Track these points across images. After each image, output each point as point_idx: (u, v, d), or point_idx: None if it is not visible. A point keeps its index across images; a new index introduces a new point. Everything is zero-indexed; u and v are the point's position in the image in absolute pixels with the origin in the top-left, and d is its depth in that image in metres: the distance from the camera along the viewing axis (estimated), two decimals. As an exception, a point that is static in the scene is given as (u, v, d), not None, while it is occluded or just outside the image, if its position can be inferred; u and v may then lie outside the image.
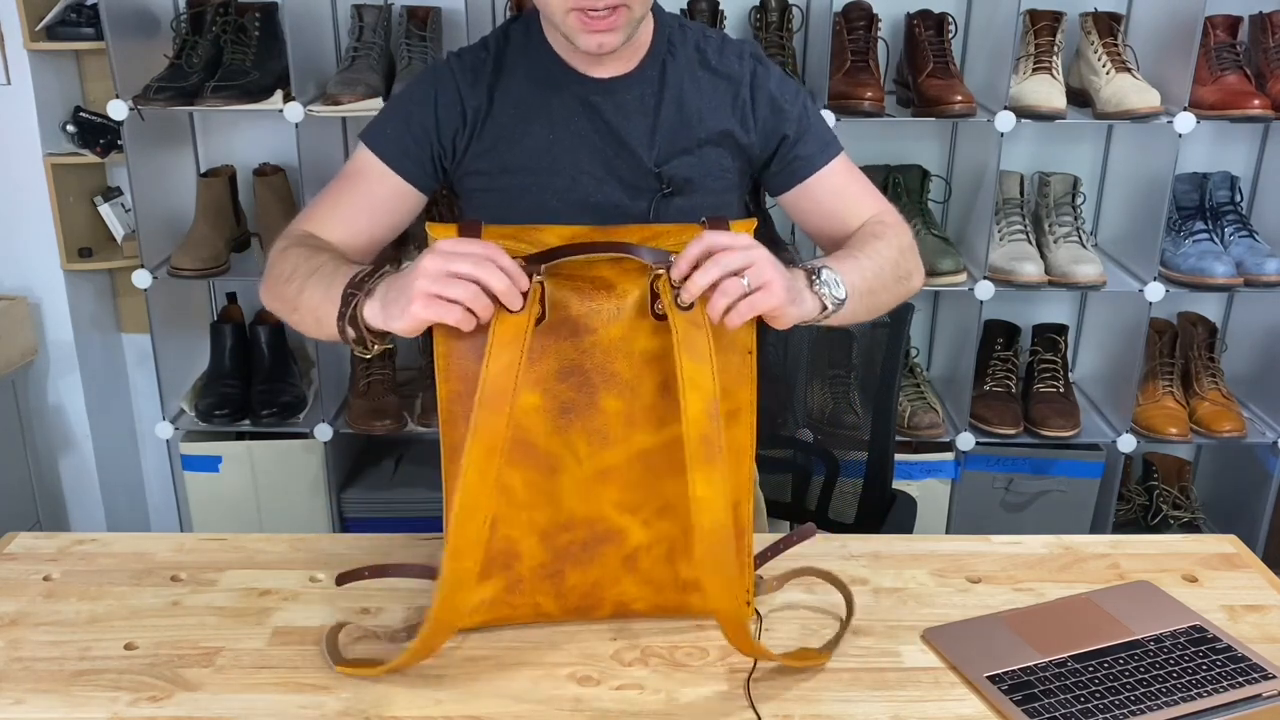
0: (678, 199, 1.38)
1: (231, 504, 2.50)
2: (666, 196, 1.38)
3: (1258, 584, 1.30)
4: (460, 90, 1.38)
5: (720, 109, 1.40)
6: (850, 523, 1.80)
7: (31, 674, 1.12)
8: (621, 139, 1.38)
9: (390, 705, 1.08)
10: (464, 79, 1.39)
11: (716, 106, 1.40)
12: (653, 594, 1.18)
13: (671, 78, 1.39)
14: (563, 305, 1.10)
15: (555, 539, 1.15)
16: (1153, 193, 2.33)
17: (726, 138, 1.40)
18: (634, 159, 1.38)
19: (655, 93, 1.39)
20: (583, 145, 1.38)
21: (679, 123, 1.39)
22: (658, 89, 1.39)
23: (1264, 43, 2.32)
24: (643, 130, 1.38)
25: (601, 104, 1.38)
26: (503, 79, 1.39)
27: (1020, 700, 1.07)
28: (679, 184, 1.38)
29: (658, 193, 1.38)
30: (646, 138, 1.38)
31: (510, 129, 1.39)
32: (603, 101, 1.38)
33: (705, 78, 1.40)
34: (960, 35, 2.44)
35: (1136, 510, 2.60)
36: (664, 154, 1.38)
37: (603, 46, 1.29)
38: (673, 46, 1.41)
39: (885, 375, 1.75)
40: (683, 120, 1.39)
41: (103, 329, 2.70)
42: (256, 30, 2.34)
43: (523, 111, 1.38)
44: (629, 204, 1.38)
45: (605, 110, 1.38)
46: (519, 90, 1.39)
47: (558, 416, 1.11)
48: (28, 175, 2.44)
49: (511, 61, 1.40)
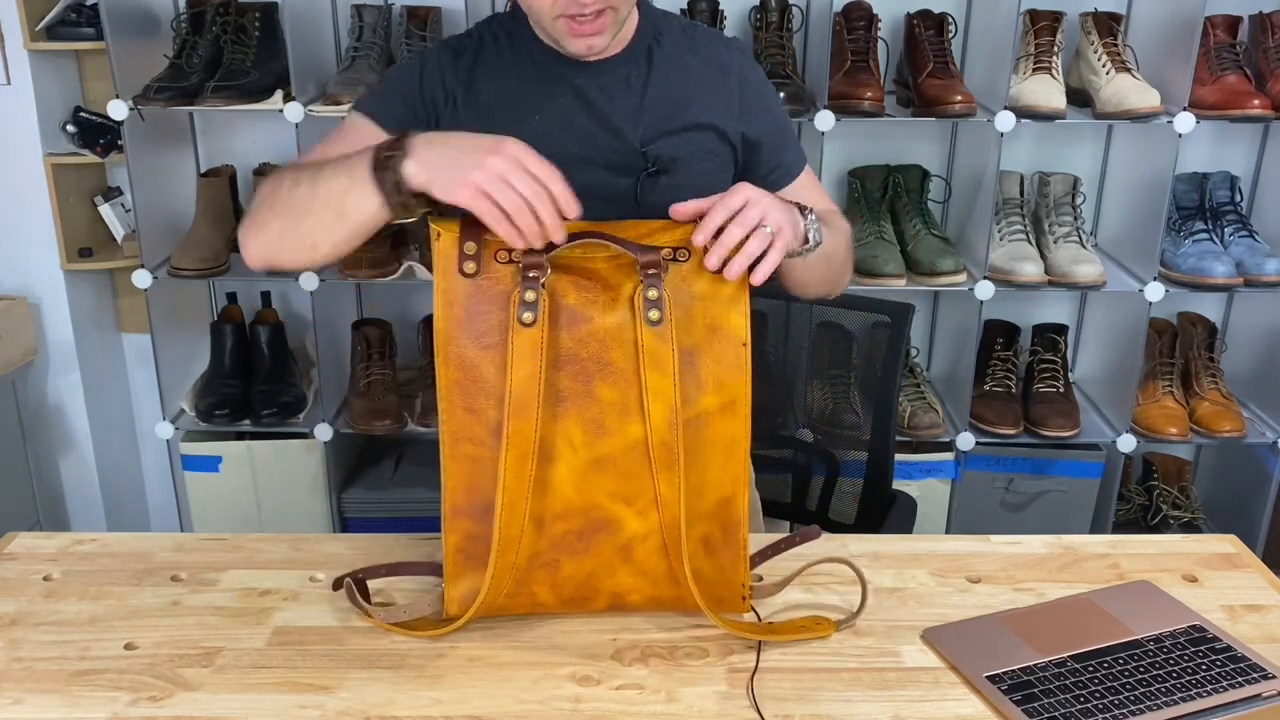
0: (663, 178, 1.39)
1: (231, 504, 2.50)
2: (652, 176, 1.39)
3: (1258, 584, 1.30)
4: (444, 68, 1.41)
5: (708, 95, 1.42)
6: (850, 523, 1.80)
7: (31, 674, 1.12)
8: (606, 118, 1.39)
9: (390, 705, 1.08)
10: (447, 59, 1.41)
11: (705, 92, 1.42)
12: (648, 585, 1.19)
13: (658, 61, 1.41)
14: (560, 295, 1.12)
15: (550, 528, 1.16)
16: (1153, 193, 2.33)
17: (714, 123, 1.42)
18: (619, 138, 1.39)
19: (642, 75, 1.40)
20: (567, 125, 1.39)
21: (666, 105, 1.40)
22: (644, 71, 1.40)
23: (1264, 43, 2.32)
24: (628, 110, 1.39)
25: (586, 85, 1.39)
26: (486, 61, 1.41)
27: (1020, 700, 1.07)
28: (664, 163, 1.39)
29: (643, 172, 1.39)
30: (632, 117, 1.39)
31: (493, 109, 1.40)
32: (587, 83, 1.39)
33: (694, 64, 1.42)
34: (960, 35, 2.44)
35: (1136, 510, 2.60)
36: (649, 134, 1.39)
37: (591, 49, 1.32)
38: (659, 33, 1.43)
39: (885, 375, 1.75)
40: (670, 103, 1.40)
41: (103, 329, 2.70)
42: (256, 30, 2.34)
43: (506, 93, 1.40)
44: (614, 182, 1.39)
45: (589, 91, 1.39)
46: (502, 71, 1.41)
47: (554, 405, 1.12)
48: (28, 175, 2.44)
49: (496, 45, 1.42)
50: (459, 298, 1.12)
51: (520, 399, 1.10)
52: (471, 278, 1.12)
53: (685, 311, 1.13)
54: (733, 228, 1.13)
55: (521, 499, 1.12)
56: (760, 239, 1.14)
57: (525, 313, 1.09)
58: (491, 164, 1.08)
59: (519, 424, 1.10)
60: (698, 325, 1.14)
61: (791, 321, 1.95)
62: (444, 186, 1.09)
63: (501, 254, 1.12)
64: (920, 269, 2.35)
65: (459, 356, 1.12)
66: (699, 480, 1.16)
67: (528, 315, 1.10)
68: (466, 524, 1.16)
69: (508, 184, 1.07)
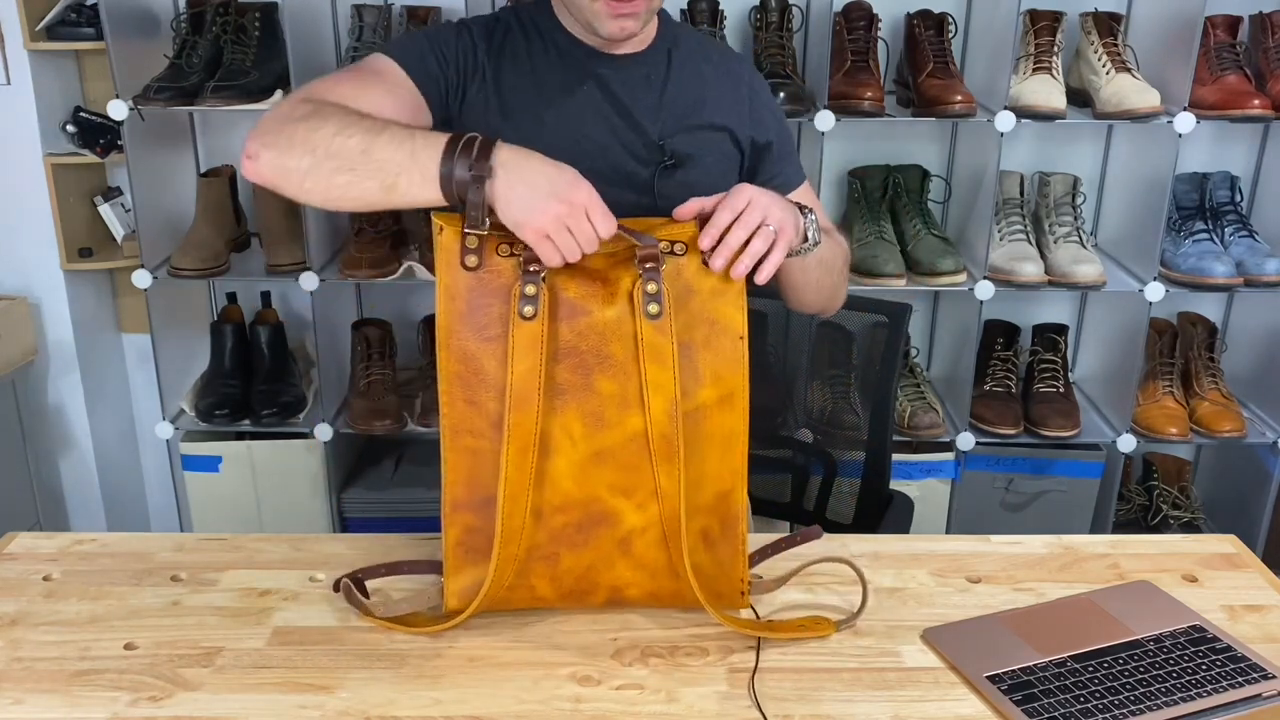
0: (679, 172, 1.42)
1: (231, 504, 2.50)
2: (668, 168, 1.42)
3: (1258, 584, 1.30)
4: (477, 44, 1.41)
5: (723, 100, 1.46)
6: (848, 523, 1.80)
7: (31, 674, 1.12)
8: (628, 109, 1.42)
9: (390, 705, 1.08)
10: (480, 35, 1.42)
11: (720, 97, 1.46)
12: (647, 579, 1.19)
13: (677, 63, 1.45)
14: (559, 288, 1.12)
15: (549, 520, 1.16)
16: (1153, 193, 2.33)
17: (727, 125, 1.46)
18: (639, 129, 1.42)
19: (662, 74, 1.44)
20: (589, 112, 1.41)
21: (683, 103, 1.44)
22: (664, 71, 1.44)
23: (1264, 43, 2.32)
24: (649, 105, 1.42)
25: (609, 76, 1.42)
26: (512, 46, 1.43)
27: (1020, 700, 1.07)
28: (681, 158, 1.42)
29: (660, 164, 1.41)
30: (652, 112, 1.42)
31: (516, 95, 1.40)
32: (611, 75, 1.42)
33: (709, 71, 1.47)
34: (960, 35, 2.44)
35: (1136, 510, 2.60)
36: (668, 129, 1.42)
37: (624, 30, 1.34)
38: (677, 39, 1.48)
39: (883, 375, 1.75)
40: (687, 102, 1.44)
41: (103, 329, 2.70)
42: (256, 30, 2.34)
43: (530, 81, 1.41)
44: (635, 171, 1.41)
45: (612, 82, 1.42)
46: (528, 58, 1.42)
47: (553, 399, 1.13)
48: (28, 175, 2.44)
49: (524, 34, 1.43)
50: (460, 291, 1.13)
51: (521, 392, 1.11)
52: (473, 271, 1.13)
53: (683, 305, 1.14)
54: (736, 229, 1.16)
55: (523, 491, 1.13)
56: (764, 238, 1.16)
57: (526, 306, 1.11)
58: (559, 212, 1.10)
59: (519, 417, 1.11)
60: (696, 318, 1.15)
61: (791, 321, 1.95)
62: (515, 223, 1.11)
63: (503, 247, 1.13)
64: (920, 269, 2.35)
65: (460, 349, 1.13)
66: (697, 473, 1.16)
67: (528, 309, 1.10)
68: (466, 517, 1.16)
69: (568, 231, 1.11)
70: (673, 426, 1.12)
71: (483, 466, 1.15)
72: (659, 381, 1.12)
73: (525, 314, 1.11)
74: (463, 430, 1.14)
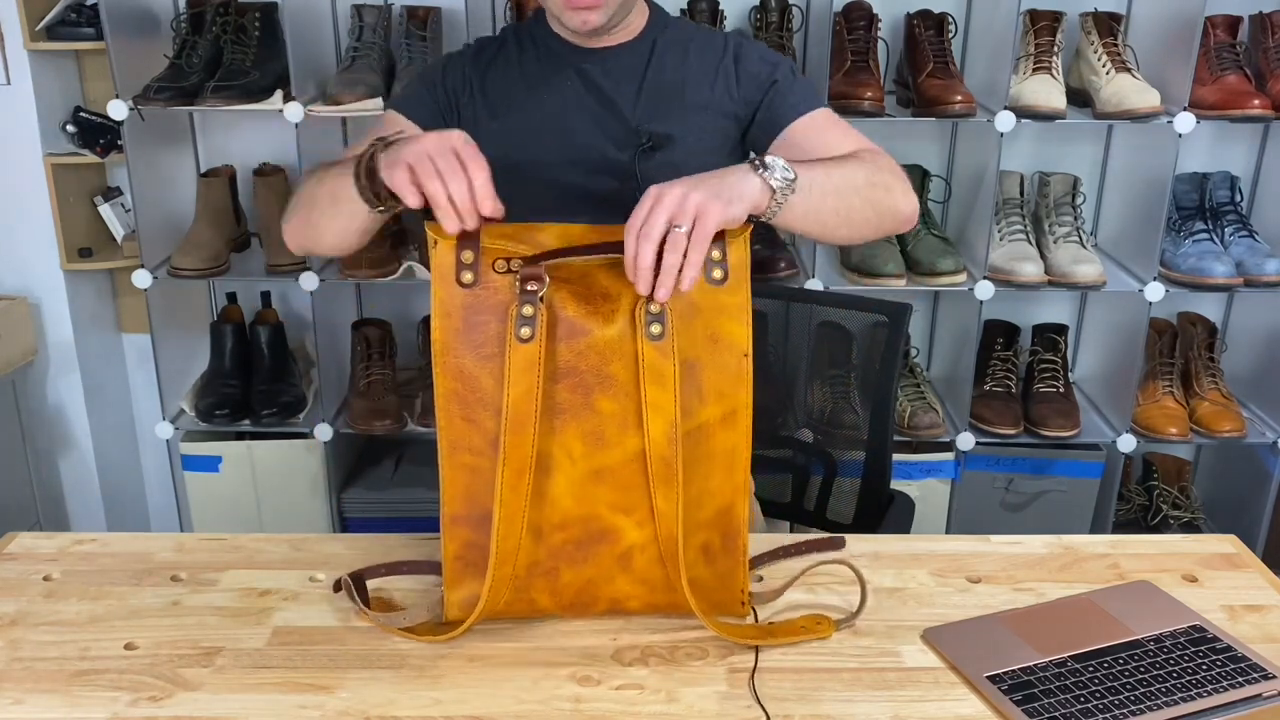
0: (660, 154, 1.47)
1: (231, 504, 2.50)
2: (647, 150, 1.47)
3: (1258, 584, 1.30)
4: (466, 61, 1.55)
5: (704, 77, 1.50)
6: (848, 523, 1.80)
7: (31, 674, 1.12)
8: (610, 99, 1.49)
9: (390, 705, 1.08)
10: (471, 53, 1.56)
11: (700, 76, 1.51)
12: (647, 593, 1.18)
13: (660, 49, 1.52)
14: (558, 306, 1.10)
15: (549, 538, 1.15)
16: (1152, 193, 2.33)
17: (709, 104, 1.50)
18: (620, 117, 1.48)
19: (644, 62, 1.51)
20: (571, 104, 1.50)
21: (664, 88, 1.50)
22: (646, 59, 1.51)
23: (1264, 43, 2.32)
24: (629, 92, 1.49)
25: (592, 70, 1.50)
26: (505, 55, 1.54)
27: (1020, 700, 1.07)
28: (660, 139, 1.47)
29: (639, 147, 1.47)
30: (632, 98, 1.49)
31: (500, 93, 1.52)
32: (594, 68, 1.50)
33: (692, 51, 1.52)
34: (960, 35, 2.44)
35: (1136, 510, 2.60)
36: (646, 113, 1.48)
37: (586, 23, 1.41)
38: (665, 29, 1.54)
39: (883, 375, 1.75)
40: (668, 86, 1.50)
41: (103, 329, 2.70)
42: (256, 30, 2.34)
43: (512, 79, 1.52)
44: (614, 155, 1.48)
45: (595, 75, 1.50)
46: (514, 62, 1.53)
47: (552, 418, 1.11)
48: (28, 175, 2.44)
49: (518, 44, 1.55)
50: (456, 308, 1.10)
51: (517, 415, 1.08)
52: (469, 288, 1.10)
53: (685, 322, 1.11)
54: (643, 246, 1.06)
55: (519, 513, 1.11)
56: (675, 246, 1.06)
57: (523, 328, 1.08)
58: (427, 147, 1.11)
59: (516, 439, 1.09)
60: (698, 336, 1.12)
61: (791, 321, 1.95)
62: (386, 171, 1.14)
63: (499, 263, 1.10)
64: (920, 269, 2.35)
65: (457, 367, 1.11)
66: (699, 491, 1.15)
67: (525, 330, 1.08)
68: (465, 532, 1.15)
69: (430, 160, 1.10)
70: (671, 449, 1.10)
71: (480, 483, 1.13)
72: (659, 403, 1.10)
73: (522, 335, 1.07)
74: (460, 447, 1.13)
